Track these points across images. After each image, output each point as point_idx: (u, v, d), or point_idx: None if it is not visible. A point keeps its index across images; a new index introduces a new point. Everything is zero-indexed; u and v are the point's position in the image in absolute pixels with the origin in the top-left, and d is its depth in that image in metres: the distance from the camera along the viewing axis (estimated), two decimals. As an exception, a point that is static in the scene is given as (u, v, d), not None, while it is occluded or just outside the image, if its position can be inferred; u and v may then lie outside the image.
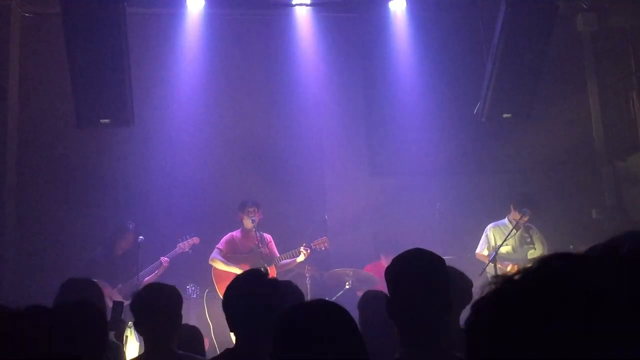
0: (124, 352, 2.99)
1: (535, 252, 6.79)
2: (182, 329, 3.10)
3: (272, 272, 6.62)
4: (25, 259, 7.33)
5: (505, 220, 7.04)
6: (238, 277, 2.65)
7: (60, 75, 6.98)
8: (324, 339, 1.64)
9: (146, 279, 6.46)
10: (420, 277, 2.14)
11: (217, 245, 6.86)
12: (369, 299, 3.56)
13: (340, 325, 1.69)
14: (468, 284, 3.09)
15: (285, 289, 3.32)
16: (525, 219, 6.72)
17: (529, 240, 6.75)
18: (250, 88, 8.16)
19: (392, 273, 2.21)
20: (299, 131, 8.16)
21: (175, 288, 3.09)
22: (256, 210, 6.76)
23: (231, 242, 6.88)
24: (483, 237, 7.08)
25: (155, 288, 3.10)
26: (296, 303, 1.83)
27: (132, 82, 6.56)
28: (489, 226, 7.09)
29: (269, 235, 6.94)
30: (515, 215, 6.82)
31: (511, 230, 6.68)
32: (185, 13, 7.82)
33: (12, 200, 7.49)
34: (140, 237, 6.42)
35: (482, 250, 7.01)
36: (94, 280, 6.35)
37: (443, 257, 2.28)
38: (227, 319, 2.50)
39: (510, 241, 6.75)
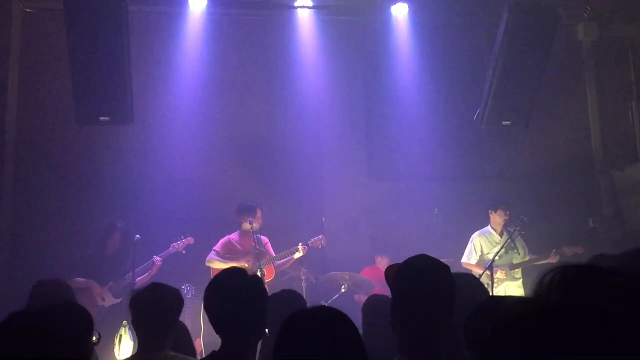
0: None
1: (519, 256, 6.97)
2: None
3: (271, 272, 6.63)
4: (21, 255, 7.29)
5: (489, 227, 7.17)
6: (217, 278, 2.58)
7: (61, 71, 6.97)
8: (327, 348, 1.62)
9: (139, 278, 6.42)
10: (425, 285, 2.13)
11: (213, 247, 6.85)
12: (373, 302, 3.53)
13: (343, 334, 1.68)
14: (485, 294, 3.00)
15: (289, 297, 3.31)
16: (506, 218, 7.07)
17: (512, 245, 6.85)
18: (250, 89, 8.15)
19: (397, 279, 2.19)
20: (298, 133, 8.15)
21: (178, 291, 3.08)
22: (256, 215, 6.80)
23: (228, 245, 6.86)
24: (469, 246, 7.17)
25: (158, 288, 3.08)
26: (299, 310, 1.80)
27: (132, 80, 6.55)
28: (475, 235, 7.19)
29: (266, 237, 6.93)
30: (496, 219, 7.10)
31: (507, 240, 6.77)
32: (187, 12, 7.80)
33: (9, 196, 7.46)
34: (137, 235, 6.40)
35: (469, 259, 7.10)
36: (82, 278, 6.40)
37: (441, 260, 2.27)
38: (210, 321, 2.47)
39: (496, 248, 6.85)
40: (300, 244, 6.70)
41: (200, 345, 6.56)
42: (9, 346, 1.67)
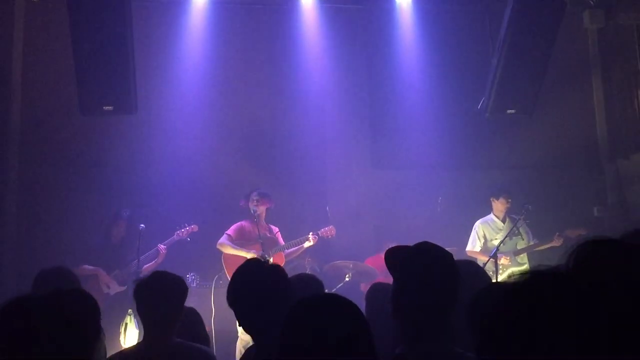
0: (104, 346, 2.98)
1: (523, 241, 6.95)
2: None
3: (280, 260, 6.68)
4: (27, 243, 7.33)
5: (492, 215, 7.17)
6: (238, 271, 2.58)
7: (64, 61, 6.96)
8: (334, 334, 1.62)
9: (145, 266, 6.47)
10: (427, 273, 2.12)
11: (226, 231, 6.88)
12: (377, 291, 3.53)
13: (352, 321, 1.67)
14: (487, 281, 3.03)
15: (309, 283, 3.31)
16: (508, 205, 7.04)
17: (516, 232, 6.85)
18: (253, 78, 8.14)
19: (399, 266, 2.18)
20: (302, 121, 8.14)
21: (182, 279, 3.08)
22: (259, 199, 6.78)
23: (240, 230, 6.90)
24: (473, 234, 7.19)
25: (161, 277, 3.08)
26: (306, 297, 1.79)
27: (136, 70, 6.54)
28: (478, 223, 7.20)
29: (276, 227, 6.98)
30: (499, 207, 7.09)
31: (512, 227, 6.75)
32: (190, 1, 7.78)
33: (14, 186, 7.49)
34: (142, 225, 6.43)
35: (473, 247, 7.12)
36: (90, 266, 6.44)
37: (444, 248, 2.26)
38: (236, 315, 2.47)
39: (500, 235, 6.87)
40: (310, 233, 6.74)
41: (211, 330, 6.58)
42: (14, 329, 1.67)
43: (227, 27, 7.99)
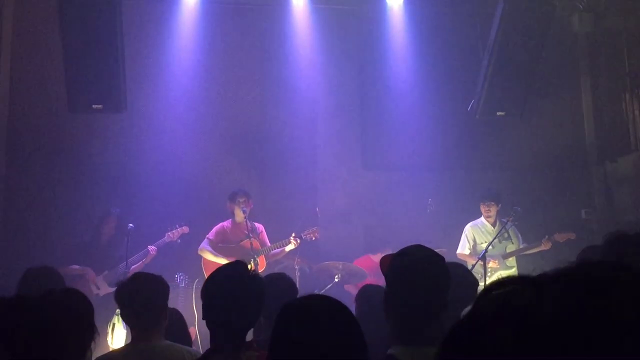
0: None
1: (512, 245, 6.98)
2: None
3: (262, 262, 6.62)
4: (13, 243, 7.26)
5: (482, 218, 7.19)
6: (219, 269, 2.60)
7: (53, 59, 6.91)
8: (326, 336, 1.62)
9: (133, 267, 6.40)
10: (420, 275, 2.13)
11: (207, 235, 6.83)
12: (367, 292, 3.54)
13: (343, 322, 1.67)
14: (474, 282, 3.15)
15: (278, 282, 3.30)
16: (495, 209, 7.03)
17: (506, 235, 6.87)
18: (244, 78, 8.12)
19: (392, 268, 2.19)
20: (292, 122, 8.13)
21: (162, 278, 3.07)
22: (247, 200, 6.74)
23: (222, 233, 6.85)
24: (463, 237, 7.22)
25: (140, 278, 3.08)
26: (296, 299, 1.80)
27: (126, 69, 6.50)
28: (468, 226, 7.22)
29: (261, 225, 6.92)
30: (483, 212, 7.11)
31: (501, 230, 6.77)
32: (181, 0, 7.75)
33: (2, 184, 7.42)
34: (130, 224, 6.38)
35: (463, 250, 7.15)
36: (78, 266, 6.39)
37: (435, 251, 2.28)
38: (202, 308, 2.47)
39: (490, 238, 6.89)
40: (292, 234, 6.69)
41: (195, 332, 6.57)
42: (7, 328, 1.65)
43: (218, 26, 7.96)
